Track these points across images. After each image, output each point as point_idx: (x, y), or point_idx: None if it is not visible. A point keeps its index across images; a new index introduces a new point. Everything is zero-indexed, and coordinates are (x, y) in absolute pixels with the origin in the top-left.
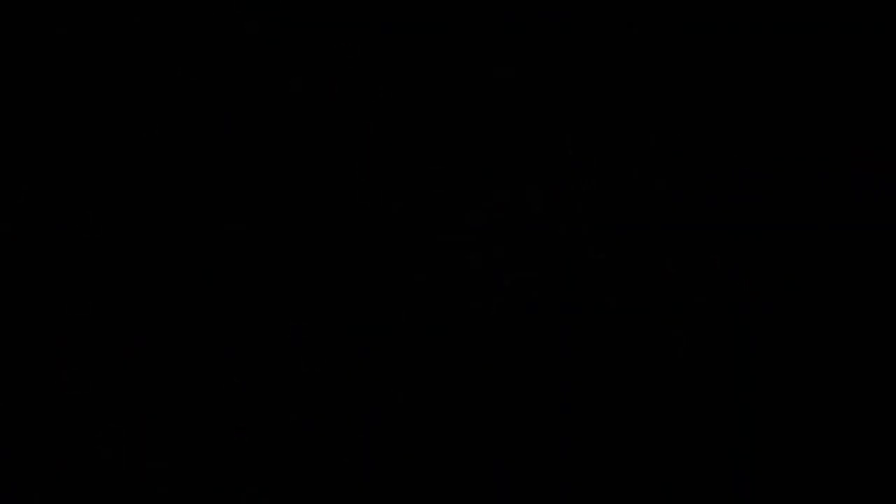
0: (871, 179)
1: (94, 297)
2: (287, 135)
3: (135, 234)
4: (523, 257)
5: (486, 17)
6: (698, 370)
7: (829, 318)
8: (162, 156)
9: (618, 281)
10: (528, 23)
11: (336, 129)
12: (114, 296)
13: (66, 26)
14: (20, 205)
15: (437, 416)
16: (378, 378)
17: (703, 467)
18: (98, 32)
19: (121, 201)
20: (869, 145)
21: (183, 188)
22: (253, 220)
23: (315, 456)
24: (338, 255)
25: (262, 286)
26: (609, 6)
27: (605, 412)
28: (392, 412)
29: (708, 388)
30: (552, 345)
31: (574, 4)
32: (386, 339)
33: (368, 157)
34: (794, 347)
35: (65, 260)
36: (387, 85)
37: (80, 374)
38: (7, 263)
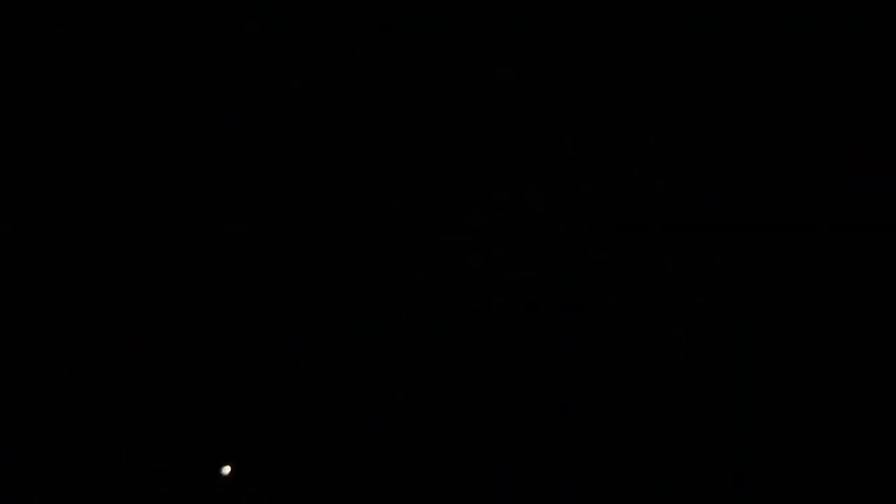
0: (871, 179)
1: (94, 297)
2: (287, 135)
3: (135, 234)
4: (523, 257)
5: (486, 17)
6: (698, 370)
7: (829, 318)
8: (162, 156)
9: (618, 281)
10: (528, 23)
11: (336, 129)
12: (114, 296)
13: (66, 26)
14: (20, 205)
15: (437, 416)
16: (378, 378)
17: (704, 467)
18: (98, 32)
19: (121, 201)
20: (869, 145)
21: (183, 188)
22: (253, 220)
23: (315, 456)
24: (338, 255)
25: (262, 286)
26: (609, 6)
27: (605, 412)
28: (392, 412)
29: (708, 388)
30: (552, 345)
31: (574, 4)
32: (386, 339)
33: (368, 157)
34: (793, 347)
35: (65, 260)
36: (387, 85)
37: (80, 374)
38: (7, 263)
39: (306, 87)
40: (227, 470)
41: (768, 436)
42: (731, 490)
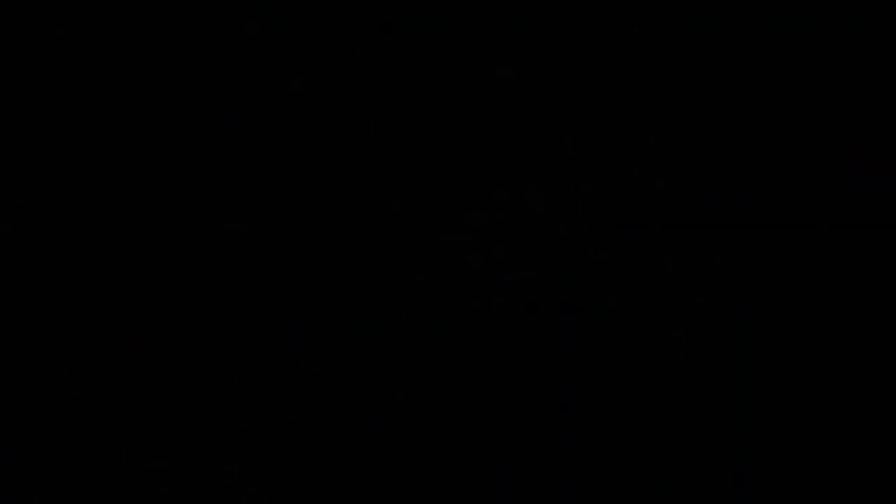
0: (871, 179)
1: (94, 297)
2: (287, 135)
3: (135, 234)
4: (523, 257)
5: (486, 17)
6: (698, 370)
7: (829, 318)
8: (162, 156)
9: (618, 281)
10: (528, 23)
11: (336, 129)
12: (114, 296)
13: (66, 26)
14: (20, 205)
15: (437, 416)
16: (378, 378)
17: (704, 467)
18: (98, 32)
19: (121, 201)
20: (869, 145)
21: (183, 188)
22: (253, 220)
23: (315, 456)
24: (338, 255)
25: (261, 286)
26: (609, 6)
27: (605, 412)
28: (392, 412)
29: (708, 388)
30: (552, 345)
31: (574, 4)
32: (386, 339)
33: (368, 157)
34: (793, 347)
35: (65, 260)
36: (387, 85)
37: (80, 374)
38: (7, 263)
39: (306, 87)
40: None
41: (768, 436)
42: (732, 490)
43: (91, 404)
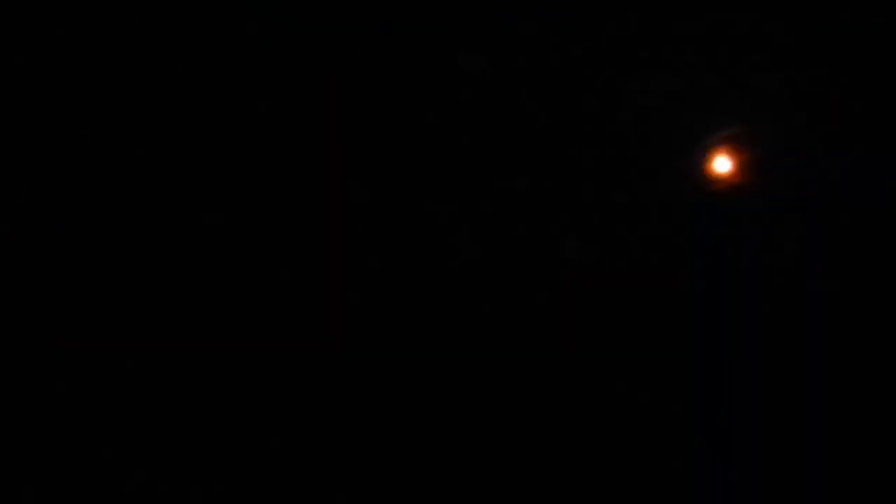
0: (871, 179)
1: (94, 297)
2: (287, 134)
3: (134, 233)
4: (522, 257)
5: (486, 18)
6: (698, 370)
7: (829, 318)
8: (162, 156)
9: (618, 281)
10: (527, 22)
11: (336, 129)
12: (114, 296)
13: (66, 26)
14: (20, 205)
15: (437, 416)
16: (378, 378)
17: (703, 466)
18: (98, 32)
19: (121, 201)
20: (869, 145)
21: (182, 188)
22: (253, 220)
23: (315, 456)
24: (337, 255)
25: (261, 286)
26: (609, 6)
27: (604, 412)
28: (392, 412)
29: (709, 388)
30: (552, 345)
31: (573, 4)
32: (386, 339)
33: (368, 157)
34: (794, 347)
35: (65, 260)
36: (386, 85)
37: (80, 374)
38: (7, 263)
39: (306, 87)
40: None
41: (768, 435)
42: (731, 490)
43: (91, 404)
